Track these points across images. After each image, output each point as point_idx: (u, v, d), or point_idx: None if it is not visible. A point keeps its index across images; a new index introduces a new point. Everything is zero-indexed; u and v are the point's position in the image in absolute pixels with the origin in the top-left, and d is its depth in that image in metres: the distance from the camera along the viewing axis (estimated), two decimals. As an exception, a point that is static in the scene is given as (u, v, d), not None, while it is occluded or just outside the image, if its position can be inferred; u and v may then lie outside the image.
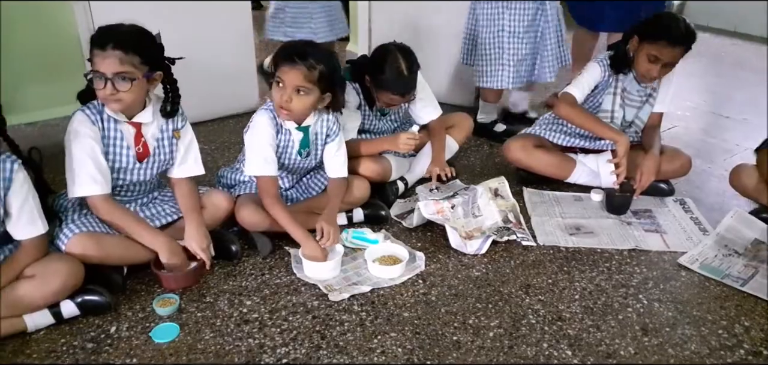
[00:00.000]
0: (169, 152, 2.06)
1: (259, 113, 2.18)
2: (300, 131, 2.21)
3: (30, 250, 1.77)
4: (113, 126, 1.93)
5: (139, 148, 1.98)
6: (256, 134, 2.15)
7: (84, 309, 1.82)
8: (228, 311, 1.90)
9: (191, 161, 2.11)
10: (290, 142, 2.21)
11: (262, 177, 2.14)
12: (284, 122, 2.17)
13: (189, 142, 2.10)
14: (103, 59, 1.79)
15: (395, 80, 2.41)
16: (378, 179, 2.54)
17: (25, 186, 1.75)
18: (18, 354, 1.69)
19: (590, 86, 2.58)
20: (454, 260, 2.20)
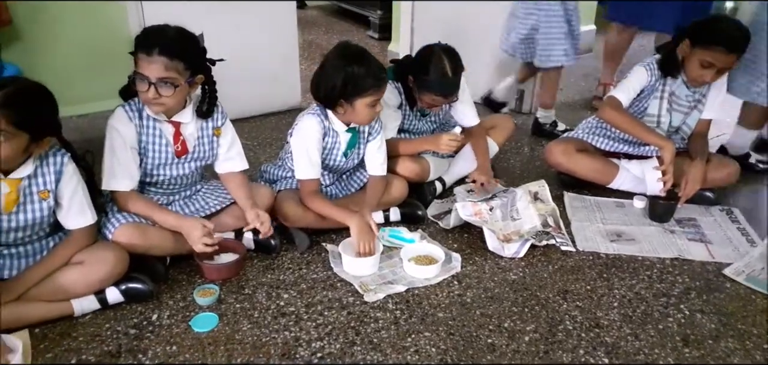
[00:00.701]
0: (209, 149, 2.11)
1: (306, 117, 2.20)
2: (349, 133, 2.23)
3: (79, 239, 1.85)
4: (152, 124, 1.99)
5: (177, 146, 2.04)
6: (304, 138, 2.18)
7: (128, 296, 1.89)
8: (266, 303, 1.93)
9: (235, 156, 2.16)
10: (337, 143, 2.24)
11: (305, 181, 2.18)
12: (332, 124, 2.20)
13: (231, 139, 2.15)
14: (148, 63, 1.84)
15: (439, 82, 2.39)
16: (416, 179, 2.54)
17: (75, 178, 1.82)
18: (65, 336, 1.76)
19: (636, 90, 2.52)
20: (491, 262, 2.19)
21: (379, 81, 2.11)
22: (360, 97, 2.09)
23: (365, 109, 2.12)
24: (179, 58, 1.87)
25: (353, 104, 2.11)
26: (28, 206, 1.75)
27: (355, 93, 2.09)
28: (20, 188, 1.73)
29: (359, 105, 2.11)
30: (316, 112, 2.19)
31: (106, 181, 1.95)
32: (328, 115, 2.19)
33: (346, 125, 2.22)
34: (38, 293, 1.77)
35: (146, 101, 1.90)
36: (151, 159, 2.01)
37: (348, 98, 2.10)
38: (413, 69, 2.45)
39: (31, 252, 1.83)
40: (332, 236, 2.26)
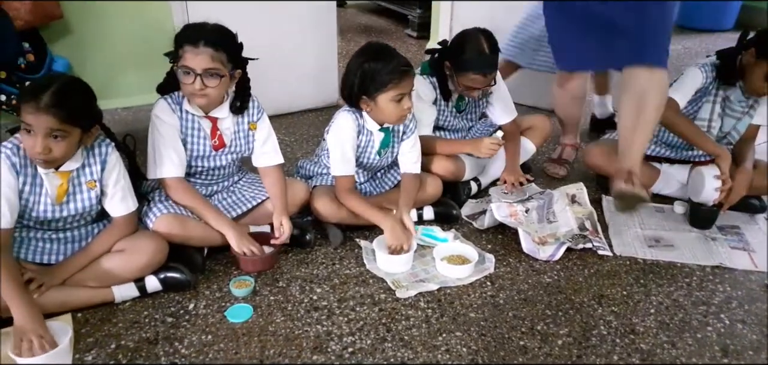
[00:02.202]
0: (244, 143, 2.15)
1: (342, 115, 2.22)
2: (382, 132, 2.24)
3: (121, 226, 1.91)
4: (191, 117, 2.04)
5: (215, 141, 2.08)
6: (340, 135, 2.19)
7: (166, 285, 1.94)
8: (299, 297, 1.96)
9: (271, 150, 2.19)
10: (371, 142, 2.25)
11: (340, 178, 2.19)
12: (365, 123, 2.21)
13: (266, 133, 2.18)
14: (195, 55, 1.89)
15: (477, 58, 2.35)
16: (451, 178, 2.53)
17: (118, 166, 1.88)
18: (105, 322, 1.82)
19: (691, 92, 2.43)
20: (525, 264, 2.17)
21: (400, 74, 2.08)
22: (381, 92, 2.09)
23: (389, 104, 2.10)
24: (223, 50, 1.92)
25: (376, 100, 2.11)
26: (78, 196, 1.82)
27: (375, 89, 2.09)
28: (70, 180, 1.79)
29: (382, 101, 2.10)
30: (351, 109, 2.21)
31: (153, 170, 2.01)
32: (362, 113, 2.20)
33: (380, 125, 2.22)
34: (81, 279, 1.83)
35: (191, 93, 1.94)
36: (190, 151, 2.06)
37: (370, 94, 2.11)
38: (450, 52, 2.43)
39: (77, 238, 1.90)
40: (365, 232, 2.27)
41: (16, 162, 1.71)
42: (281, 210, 2.12)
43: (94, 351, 1.70)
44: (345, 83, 2.17)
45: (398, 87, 2.09)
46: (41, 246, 1.84)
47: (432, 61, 2.51)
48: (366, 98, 2.12)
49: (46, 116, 1.62)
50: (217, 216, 2.04)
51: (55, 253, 1.85)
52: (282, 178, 2.20)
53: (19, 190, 1.72)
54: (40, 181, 1.75)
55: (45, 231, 1.85)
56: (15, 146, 1.71)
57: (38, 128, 1.63)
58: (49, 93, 1.62)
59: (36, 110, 1.61)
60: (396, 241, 2.11)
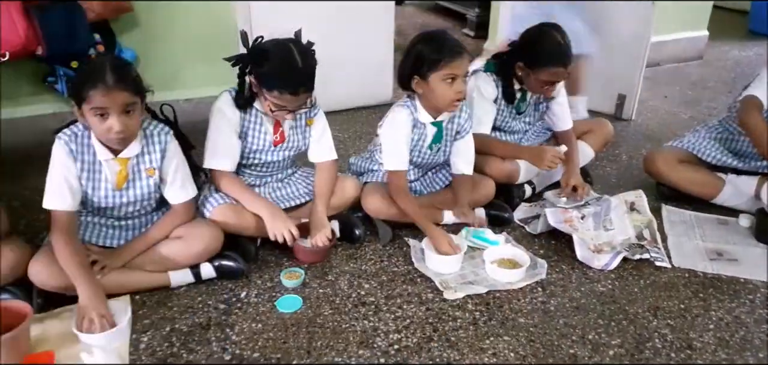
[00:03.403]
0: (301, 138, 2.19)
1: (396, 108, 2.22)
2: (435, 126, 2.23)
3: (180, 213, 1.97)
4: (255, 112, 2.08)
5: (276, 136, 2.13)
6: (394, 128, 2.19)
7: (220, 272, 1.99)
8: (347, 291, 1.98)
9: (325, 147, 2.22)
10: (423, 136, 2.24)
11: (394, 171, 2.19)
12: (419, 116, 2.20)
13: (321, 129, 2.21)
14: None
15: (557, 50, 2.30)
16: (505, 181, 2.49)
17: (178, 154, 1.95)
18: (161, 305, 1.88)
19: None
20: (579, 272, 2.12)
21: (452, 54, 2.04)
22: (433, 71, 2.06)
23: (442, 85, 2.07)
24: None
25: (428, 80, 2.08)
26: (137, 183, 1.89)
27: (428, 68, 2.07)
28: (130, 166, 1.86)
29: (434, 81, 2.07)
30: (406, 104, 2.20)
31: (207, 159, 2.07)
32: (416, 107, 2.19)
33: (433, 118, 2.21)
34: (141, 263, 1.90)
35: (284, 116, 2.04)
36: (250, 144, 2.11)
37: (422, 74, 2.09)
38: (523, 50, 2.38)
39: (138, 226, 1.98)
40: (415, 231, 2.27)
41: (74, 148, 1.78)
42: (322, 206, 2.15)
43: (150, 333, 1.76)
44: (400, 66, 2.17)
45: (450, 67, 2.05)
46: (105, 231, 1.93)
47: (498, 63, 2.47)
48: (418, 78, 2.11)
49: (118, 92, 1.67)
50: (254, 199, 2.07)
51: (117, 238, 1.94)
52: (334, 175, 2.22)
53: (77, 175, 1.80)
54: (99, 168, 1.82)
55: (108, 218, 1.94)
56: (73, 134, 1.79)
57: (113, 106, 1.68)
58: (109, 73, 1.67)
59: (107, 90, 1.66)
60: (445, 247, 2.10)
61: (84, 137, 1.79)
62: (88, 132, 1.79)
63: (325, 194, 2.17)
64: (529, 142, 2.65)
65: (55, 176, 1.77)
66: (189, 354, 1.68)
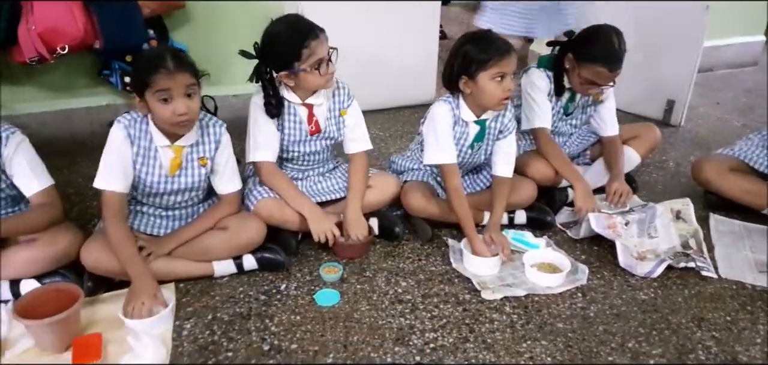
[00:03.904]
0: (336, 129, 2.21)
1: (437, 104, 2.22)
2: (477, 124, 2.22)
3: (227, 204, 2.03)
4: (288, 104, 2.12)
5: (311, 126, 2.16)
6: (436, 122, 2.19)
7: (262, 264, 2.04)
8: (384, 288, 1.99)
9: (359, 137, 2.23)
10: (465, 134, 2.23)
11: (445, 165, 2.17)
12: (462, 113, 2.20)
13: (355, 120, 2.22)
14: (321, 44, 1.99)
15: (606, 51, 2.27)
16: (547, 184, 2.46)
17: (229, 146, 2.02)
18: (204, 294, 1.94)
19: None
20: (620, 279, 2.08)
21: (501, 53, 2.03)
22: (482, 70, 2.05)
23: (490, 84, 2.06)
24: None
25: (477, 80, 2.07)
26: (189, 171, 1.95)
27: (477, 68, 2.06)
28: (184, 154, 1.93)
29: (483, 80, 2.06)
30: (447, 99, 2.20)
31: (250, 153, 2.12)
32: (459, 104, 2.19)
33: (476, 116, 2.20)
34: (186, 252, 1.96)
35: (328, 80, 2.05)
36: (287, 135, 2.15)
37: (470, 74, 2.08)
38: (575, 43, 2.36)
39: (184, 216, 2.04)
40: (454, 231, 2.27)
41: (132, 133, 1.86)
42: (357, 202, 2.16)
43: (193, 320, 1.82)
44: (446, 67, 2.17)
45: (499, 65, 2.04)
46: (152, 220, 2.00)
47: (552, 54, 2.44)
48: (466, 77, 2.10)
49: (180, 74, 1.76)
50: (297, 197, 2.11)
51: (164, 227, 2.00)
52: (366, 166, 2.22)
53: (133, 160, 1.87)
54: (154, 153, 1.89)
55: (157, 207, 2.01)
56: (132, 119, 1.87)
57: (177, 89, 1.76)
58: (169, 58, 1.76)
59: (169, 74, 1.74)
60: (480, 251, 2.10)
61: (142, 122, 1.87)
62: (146, 119, 1.87)
63: (360, 189, 2.19)
64: (573, 145, 2.62)
65: (109, 157, 1.85)
66: (229, 343, 1.73)
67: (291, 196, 2.10)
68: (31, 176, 1.85)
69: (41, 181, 1.87)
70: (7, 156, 1.81)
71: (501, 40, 2.08)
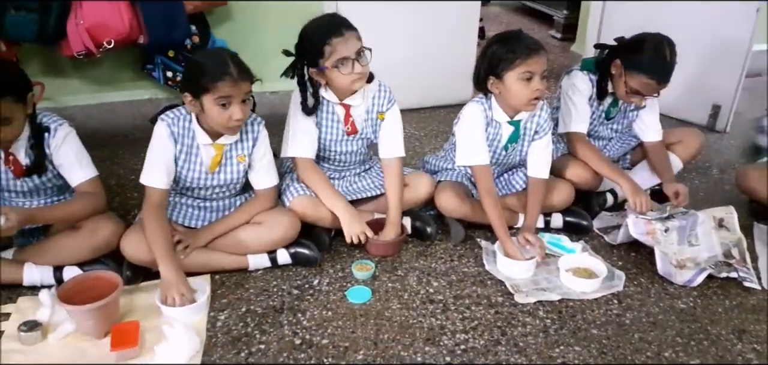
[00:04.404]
0: (371, 131, 2.21)
1: (469, 105, 2.21)
2: (511, 125, 2.20)
3: (263, 199, 2.06)
4: (327, 103, 2.13)
5: (347, 127, 2.17)
6: (469, 124, 2.18)
7: (295, 259, 2.06)
8: (416, 287, 1.99)
9: (392, 142, 2.20)
10: (499, 135, 2.21)
11: (477, 166, 2.15)
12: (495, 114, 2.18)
13: (392, 124, 2.21)
14: (345, 42, 1.99)
15: (656, 62, 2.21)
16: (585, 187, 2.41)
17: (266, 142, 2.05)
18: (239, 286, 1.97)
19: None
20: (658, 286, 2.03)
21: (529, 51, 2.00)
22: (509, 69, 2.03)
23: (518, 84, 2.03)
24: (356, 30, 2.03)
25: (504, 80, 2.05)
26: (228, 168, 2.00)
27: (504, 68, 2.04)
28: (224, 152, 1.97)
29: (510, 80, 2.04)
30: (479, 100, 2.19)
31: (288, 148, 2.14)
32: (491, 105, 2.17)
33: (510, 117, 2.18)
34: (222, 245, 2.00)
35: (352, 81, 2.03)
36: (324, 134, 2.16)
37: (497, 73, 2.06)
38: (624, 49, 2.29)
39: (222, 208, 2.08)
40: (487, 233, 2.25)
41: (175, 131, 1.90)
42: (396, 211, 2.16)
43: (227, 312, 1.85)
44: (475, 68, 2.16)
45: (526, 64, 2.01)
46: (190, 212, 2.04)
47: (598, 58, 2.39)
48: (494, 78, 2.08)
49: (242, 82, 1.82)
50: (333, 197, 2.11)
51: (201, 219, 2.04)
52: (400, 172, 2.20)
53: (175, 157, 1.91)
54: (196, 151, 1.94)
55: (194, 199, 2.05)
56: (176, 117, 1.91)
57: (237, 96, 1.82)
58: (232, 65, 1.80)
59: (234, 81, 1.79)
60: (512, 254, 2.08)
61: (185, 120, 1.91)
62: (189, 116, 1.91)
63: (398, 198, 2.17)
64: (613, 149, 2.56)
65: (154, 154, 1.90)
66: (262, 335, 1.75)
67: (326, 195, 2.11)
68: (76, 167, 1.91)
69: (86, 171, 1.93)
70: (55, 146, 1.88)
71: (530, 39, 2.05)
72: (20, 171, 1.88)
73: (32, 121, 1.86)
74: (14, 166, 1.87)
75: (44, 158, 1.88)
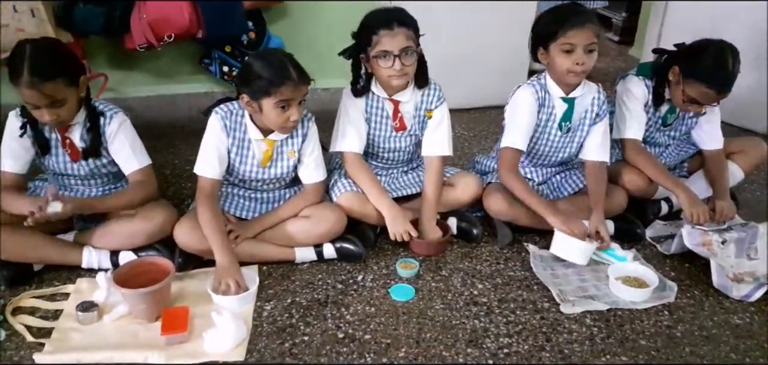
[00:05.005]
0: (419, 128, 2.21)
1: (522, 88, 2.19)
2: (565, 102, 2.15)
3: (311, 193, 2.09)
4: (376, 99, 2.14)
5: (396, 123, 2.17)
6: (517, 107, 2.16)
7: (340, 254, 2.08)
8: (460, 288, 1.98)
9: (435, 141, 2.19)
10: (553, 114, 2.17)
11: (507, 149, 2.15)
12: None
13: (439, 122, 2.20)
14: (391, 38, 1.98)
15: (718, 72, 2.12)
16: (639, 195, 2.34)
17: (316, 138, 2.08)
18: (285, 278, 2.01)
19: None
20: (712, 300, 1.96)
21: (571, 23, 1.98)
22: (553, 41, 2.03)
23: (560, 55, 2.03)
24: (412, 28, 2.02)
25: (550, 51, 2.06)
26: (278, 162, 2.04)
27: (549, 38, 2.04)
28: (275, 147, 2.01)
29: (554, 51, 2.05)
30: (532, 83, 2.17)
31: (337, 142, 2.16)
32: (544, 84, 2.15)
33: (564, 93, 2.14)
34: (271, 236, 2.04)
35: (389, 75, 2.03)
36: (373, 130, 2.17)
37: (545, 45, 2.07)
38: (684, 56, 2.21)
39: (271, 200, 2.12)
40: (535, 237, 2.22)
41: (228, 124, 1.95)
42: (431, 210, 2.15)
43: (273, 302, 1.89)
44: (530, 38, 2.17)
45: (566, 36, 1.99)
46: (242, 203, 2.09)
47: (656, 62, 2.32)
48: (542, 49, 2.09)
49: (303, 86, 1.87)
50: (380, 195, 2.12)
51: (252, 210, 2.09)
52: (440, 172, 2.19)
53: (228, 149, 1.96)
54: (248, 145, 1.99)
55: (246, 190, 2.10)
56: (229, 111, 1.96)
57: (296, 99, 1.86)
58: (292, 69, 1.84)
59: (294, 85, 1.84)
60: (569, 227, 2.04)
61: (238, 115, 1.96)
62: (242, 111, 1.96)
63: (433, 199, 2.16)
64: (670, 157, 2.48)
65: (208, 146, 1.95)
66: (306, 327, 1.78)
67: (372, 192, 2.12)
68: (130, 155, 1.98)
69: (140, 159, 2.00)
70: (110, 133, 1.96)
71: (577, 11, 2.03)
72: (77, 155, 1.97)
73: (87, 105, 1.94)
74: (71, 150, 1.96)
75: (99, 143, 1.96)
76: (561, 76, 2.10)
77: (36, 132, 1.92)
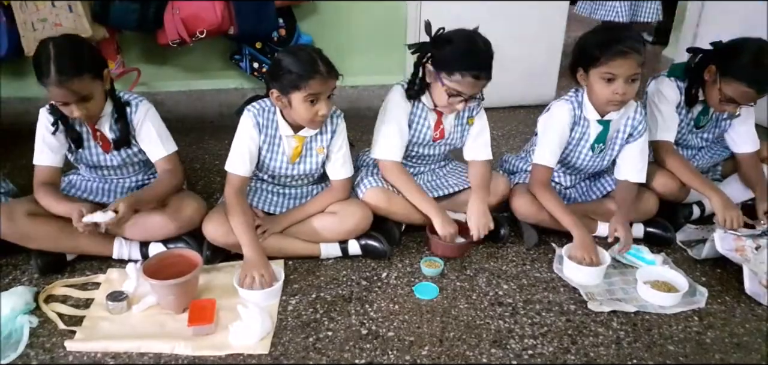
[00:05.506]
0: (459, 136, 2.22)
1: (558, 103, 2.16)
2: (600, 125, 2.13)
3: (338, 190, 2.10)
4: (422, 107, 2.14)
5: (436, 133, 2.17)
6: (551, 122, 2.14)
7: (365, 251, 2.09)
8: (485, 288, 1.97)
9: (481, 146, 2.22)
10: (586, 134, 2.15)
11: (540, 166, 2.14)
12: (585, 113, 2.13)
13: (480, 129, 2.22)
14: (472, 86, 2.00)
15: (755, 68, 2.06)
16: (671, 198, 2.30)
17: (344, 135, 2.09)
18: (310, 273, 2.03)
19: None
20: (744, 306, 1.91)
21: (615, 52, 1.92)
22: (593, 66, 1.99)
23: (600, 83, 1.99)
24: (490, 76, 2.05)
25: (589, 76, 2.02)
26: (308, 159, 2.06)
27: (589, 63, 2.00)
28: (305, 143, 2.03)
29: (594, 77, 2.00)
30: (569, 98, 2.14)
31: (377, 149, 2.14)
32: (582, 101, 2.11)
33: (600, 115, 2.11)
34: (297, 232, 2.06)
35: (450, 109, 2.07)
36: (413, 136, 2.17)
37: (585, 68, 2.03)
38: (719, 55, 2.16)
39: (299, 195, 2.15)
40: (563, 239, 2.19)
41: (260, 122, 1.97)
42: (482, 200, 2.13)
43: (298, 297, 1.90)
44: (571, 55, 2.13)
45: (608, 65, 1.95)
46: (270, 198, 2.12)
47: (690, 63, 2.25)
48: (582, 70, 2.05)
49: (331, 80, 1.88)
50: (425, 199, 2.12)
51: (279, 205, 2.11)
52: (487, 175, 2.20)
53: (259, 146, 1.99)
54: (278, 142, 2.01)
55: (274, 185, 2.13)
56: (261, 108, 1.98)
57: (325, 92, 1.88)
58: (322, 63, 1.85)
59: (323, 79, 1.85)
60: (584, 253, 2.01)
61: (270, 112, 1.98)
62: (274, 108, 1.98)
63: (481, 187, 2.16)
64: (702, 160, 2.43)
65: (240, 144, 1.98)
66: (330, 322, 1.79)
67: (415, 197, 2.12)
68: (157, 142, 2.02)
69: (167, 146, 2.04)
70: (137, 122, 2.00)
71: (625, 37, 1.95)
72: (108, 146, 2.01)
73: (112, 96, 1.97)
74: (102, 141, 2.01)
75: (128, 131, 2.00)
76: (599, 104, 2.06)
77: (68, 127, 1.97)
